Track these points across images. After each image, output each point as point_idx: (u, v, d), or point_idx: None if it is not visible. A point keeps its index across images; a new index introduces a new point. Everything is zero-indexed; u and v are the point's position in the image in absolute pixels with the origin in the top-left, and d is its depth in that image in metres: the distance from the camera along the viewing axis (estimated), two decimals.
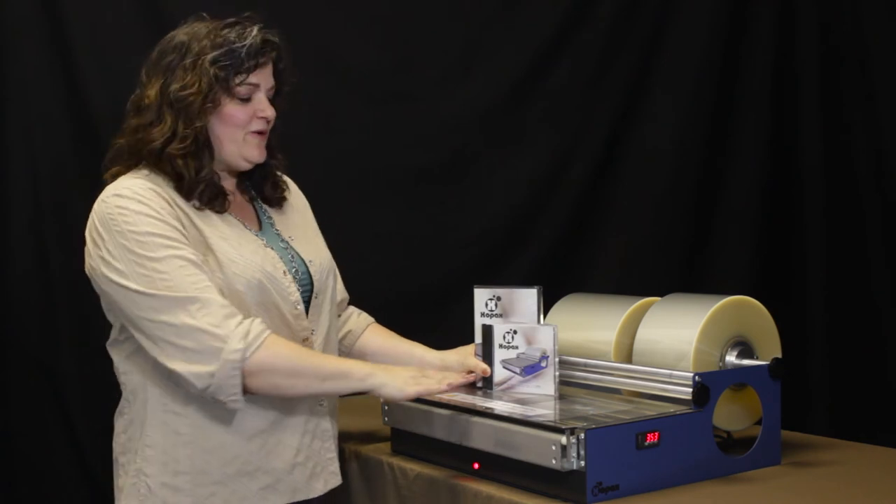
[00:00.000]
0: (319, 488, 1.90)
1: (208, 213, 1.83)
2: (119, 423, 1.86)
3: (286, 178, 2.03)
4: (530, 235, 3.26)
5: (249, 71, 1.81)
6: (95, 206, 1.78)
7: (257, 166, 1.92)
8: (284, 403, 1.84)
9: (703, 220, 3.47)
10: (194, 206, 1.80)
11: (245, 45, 1.80)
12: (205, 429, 1.78)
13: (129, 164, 1.83)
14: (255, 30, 1.82)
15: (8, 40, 2.60)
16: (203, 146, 1.81)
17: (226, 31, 1.82)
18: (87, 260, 1.79)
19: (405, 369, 1.81)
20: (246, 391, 1.73)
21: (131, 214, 1.73)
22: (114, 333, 1.85)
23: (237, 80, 1.80)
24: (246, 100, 1.83)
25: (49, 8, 2.63)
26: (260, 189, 1.97)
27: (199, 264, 1.74)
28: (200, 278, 1.72)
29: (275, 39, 1.85)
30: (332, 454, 1.93)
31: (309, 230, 2.03)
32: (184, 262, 1.72)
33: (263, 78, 1.84)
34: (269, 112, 1.84)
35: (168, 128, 1.79)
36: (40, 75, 2.63)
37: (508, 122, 3.23)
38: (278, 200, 1.98)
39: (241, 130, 1.83)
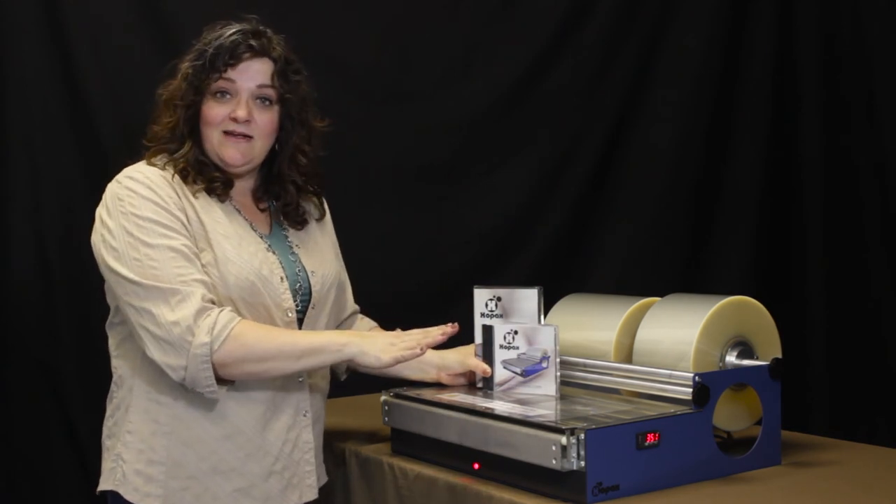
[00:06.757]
0: (294, 500, 1.88)
1: (215, 208, 1.84)
2: (108, 408, 1.89)
3: (325, 206, 2.03)
4: (530, 235, 3.26)
5: (220, 70, 1.81)
6: (109, 185, 1.82)
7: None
8: (269, 408, 1.83)
9: (704, 220, 3.47)
10: (196, 192, 1.82)
11: (216, 44, 1.81)
12: (185, 421, 1.79)
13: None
14: (231, 30, 1.83)
15: (8, 40, 2.59)
16: (175, 139, 1.84)
17: (211, 33, 1.84)
18: (93, 236, 1.82)
19: (382, 335, 1.81)
20: (227, 380, 1.74)
21: (137, 198, 1.76)
22: (111, 315, 1.88)
23: (211, 79, 1.82)
24: (226, 100, 1.83)
25: (49, 8, 2.62)
26: (278, 209, 1.96)
27: (192, 257, 1.75)
28: (188, 271, 1.73)
29: (249, 40, 1.82)
30: (311, 467, 1.91)
31: (323, 243, 2.01)
32: (175, 254, 1.73)
33: (242, 76, 1.83)
34: (240, 112, 1.82)
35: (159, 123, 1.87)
36: (40, 75, 2.63)
37: (508, 121, 3.23)
38: (294, 224, 1.96)
39: (216, 129, 1.84)
